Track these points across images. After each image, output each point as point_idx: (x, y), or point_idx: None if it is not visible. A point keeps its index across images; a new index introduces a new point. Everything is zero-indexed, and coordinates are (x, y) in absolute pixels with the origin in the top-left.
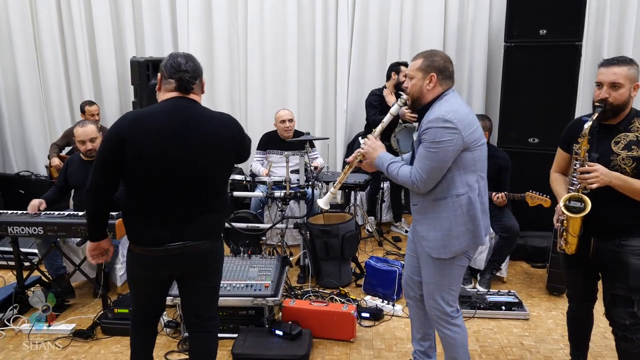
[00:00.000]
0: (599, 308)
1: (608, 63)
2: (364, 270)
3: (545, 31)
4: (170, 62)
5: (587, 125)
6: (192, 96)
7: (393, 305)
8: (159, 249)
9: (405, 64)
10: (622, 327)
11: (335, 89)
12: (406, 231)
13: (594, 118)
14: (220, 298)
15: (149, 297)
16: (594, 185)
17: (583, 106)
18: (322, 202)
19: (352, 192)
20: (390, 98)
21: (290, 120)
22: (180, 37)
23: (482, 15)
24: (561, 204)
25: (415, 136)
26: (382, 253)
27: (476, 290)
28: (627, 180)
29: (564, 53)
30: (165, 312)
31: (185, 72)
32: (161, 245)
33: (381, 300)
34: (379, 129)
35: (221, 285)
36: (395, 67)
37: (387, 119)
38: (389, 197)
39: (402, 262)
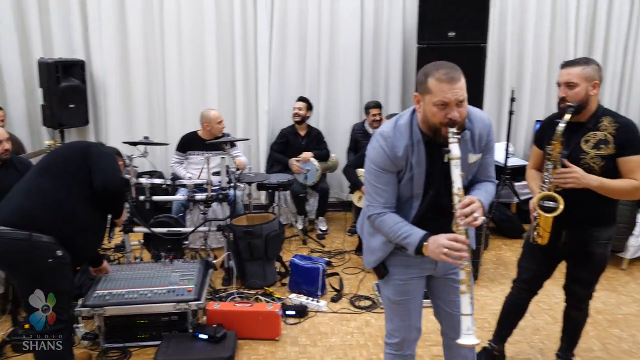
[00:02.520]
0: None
1: (565, 65)
2: (289, 268)
3: (453, 34)
4: None
5: (560, 129)
6: None
7: (317, 301)
8: None
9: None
10: (578, 298)
11: (257, 89)
12: (321, 229)
13: (566, 120)
14: (140, 305)
15: None
16: (568, 186)
17: (490, 104)
18: (472, 339)
19: (276, 193)
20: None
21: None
22: (92, 37)
23: (396, 17)
24: (535, 202)
25: (476, 157)
26: (307, 251)
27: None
28: (603, 183)
29: (470, 54)
30: (82, 324)
31: None
32: None
33: (306, 297)
34: (462, 183)
35: (141, 292)
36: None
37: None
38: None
39: (326, 259)
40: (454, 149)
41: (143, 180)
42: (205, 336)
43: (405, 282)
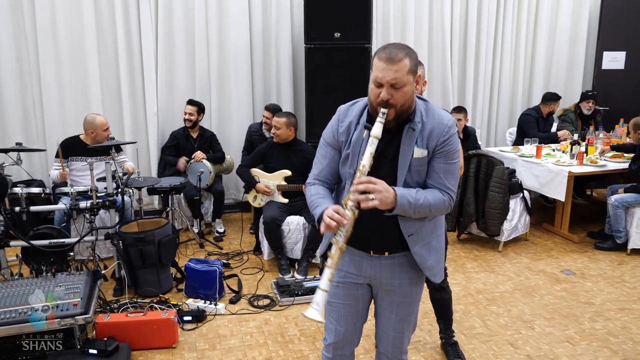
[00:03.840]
0: None
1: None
2: (185, 273)
3: (339, 34)
4: None
5: None
6: None
7: (215, 304)
8: None
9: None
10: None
11: (144, 91)
12: (218, 231)
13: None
14: (20, 325)
15: None
16: None
17: None
18: (315, 314)
19: (170, 196)
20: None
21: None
22: None
23: (285, 17)
24: None
25: (421, 152)
26: (205, 254)
27: (294, 278)
28: None
29: (356, 54)
30: None
31: None
32: None
33: (203, 301)
34: (369, 162)
35: (20, 310)
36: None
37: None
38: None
39: (224, 261)
40: (376, 128)
41: (17, 189)
42: (94, 351)
43: (337, 284)
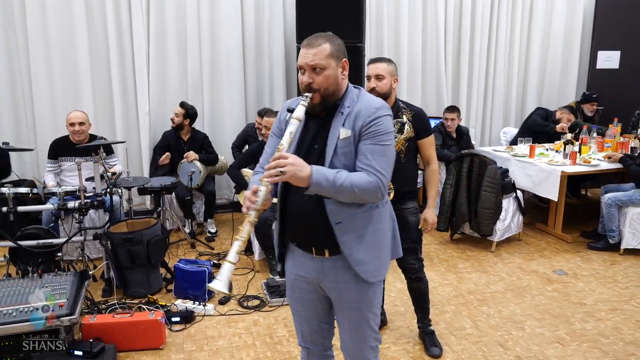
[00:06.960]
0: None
1: (373, 61)
2: (174, 274)
3: (331, 33)
4: None
5: None
6: None
7: (204, 305)
8: None
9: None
10: (414, 270)
11: (135, 90)
12: (210, 232)
13: None
14: (4, 326)
15: None
16: None
17: None
18: (220, 285)
19: (161, 196)
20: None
21: (81, 124)
22: None
23: (277, 15)
24: None
25: (345, 132)
26: (196, 255)
27: (285, 279)
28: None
29: (349, 53)
30: None
31: None
32: None
33: (192, 302)
34: (287, 141)
35: (5, 312)
36: None
37: (295, 128)
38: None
39: (215, 262)
40: (298, 110)
41: (5, 189)
42: (80, 352)
43: (292, 286)
